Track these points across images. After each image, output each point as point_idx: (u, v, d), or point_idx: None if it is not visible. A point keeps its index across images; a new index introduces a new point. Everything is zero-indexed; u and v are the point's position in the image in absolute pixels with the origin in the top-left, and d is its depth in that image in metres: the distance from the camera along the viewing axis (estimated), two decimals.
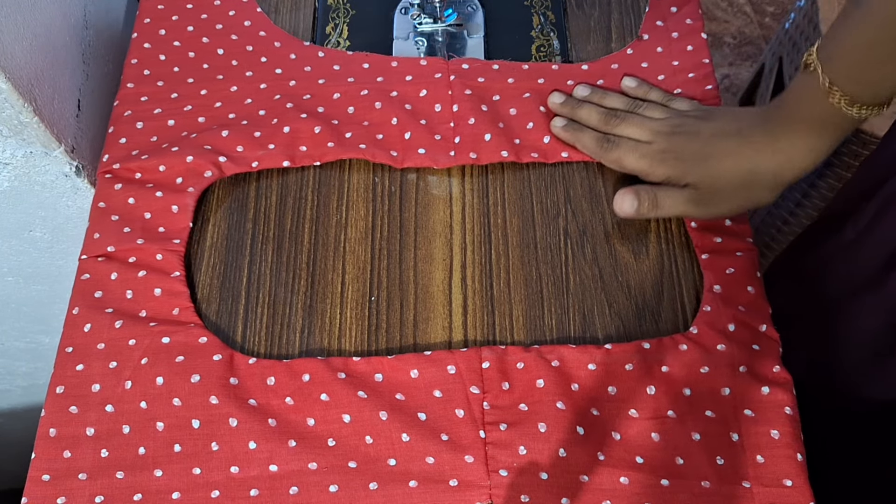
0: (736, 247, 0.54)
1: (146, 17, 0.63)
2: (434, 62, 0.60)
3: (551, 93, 0.59)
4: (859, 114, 0.47)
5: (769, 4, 1.53)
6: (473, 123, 0.57)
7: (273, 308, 0.53)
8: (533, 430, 0.47)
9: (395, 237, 0.55)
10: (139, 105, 0.59)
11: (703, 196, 0.52)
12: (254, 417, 0.48)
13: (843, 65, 0.46)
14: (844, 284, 0.58)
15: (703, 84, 0.60)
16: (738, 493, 0.46)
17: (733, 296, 0.52)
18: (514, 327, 0.52)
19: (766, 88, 1.07)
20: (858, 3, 0.44)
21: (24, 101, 0.52)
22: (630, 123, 0.55)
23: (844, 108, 0.47)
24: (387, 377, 0.49)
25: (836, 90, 0.46)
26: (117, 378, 0.49)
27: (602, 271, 0.54)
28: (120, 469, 0.47)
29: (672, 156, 0.53)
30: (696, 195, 0.52)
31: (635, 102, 0.57)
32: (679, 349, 0.49)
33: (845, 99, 0.46)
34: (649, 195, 0.53)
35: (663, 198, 0.53)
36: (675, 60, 0.61)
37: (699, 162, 0.52)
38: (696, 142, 0.53)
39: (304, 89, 0.59)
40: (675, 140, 0.53)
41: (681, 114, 0.56)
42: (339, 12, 0.65)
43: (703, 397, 0.49)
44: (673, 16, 0.63)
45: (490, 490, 0.46)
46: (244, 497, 0.47)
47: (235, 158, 0.56)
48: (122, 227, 0.54)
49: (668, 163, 0.53)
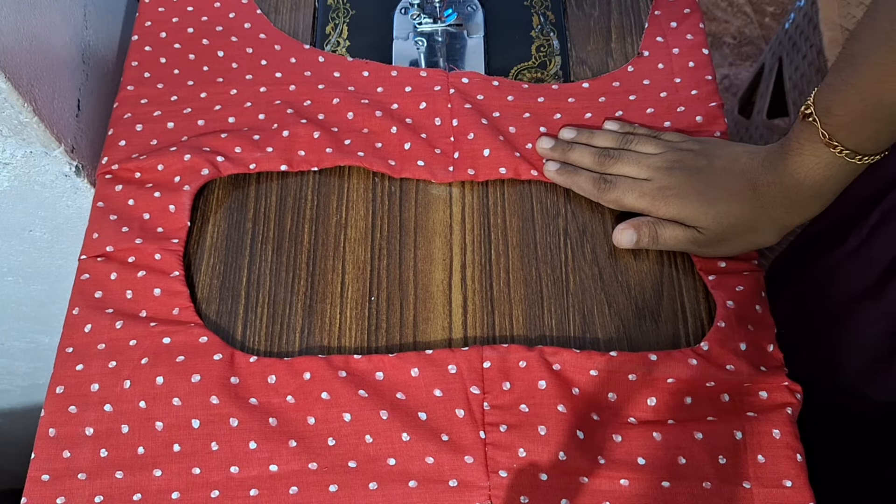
0: (742, 268, 0.53)
1: (146, 20, 0.63)
2: (434, 74, 0.60)
3: (539, 138, 0.57)
4: (863, 162, 0.46)
5: (769, 4, 1.53)
6: (473, 138, 0.57)
7: (273, 308, 0.53)
8: (533, 433, 0.47)
9: (395, 237, 0.55)
10: (139, 107, 0.59)
11: (709, 239, 0.51)
12: (254, 417, 0.48)
13: (842, 121, 0.44)
14: (847, 291, 0.57)
15: (706, 101, 0.59)
16: (739, 493, 0.46)
17: (744, 314, 0.51)
18: (514, 327, 0.52)
19: (766, 88, 1.06)
20: (853, 58, 0.43)
21: (24, 101, 0.52)
22: (625, 161, 0.54)
23: (847, 158, 0.45)
24: (387, 376, 0.49)
25: (837, 143, 0.45)
26: (117, 378, 0.49)
27: (602, 271, 0.54)
28: (119, 469, 0.47)
29: (674, 193, 0.51)
30: (700, 238, 0.51)
31: (626, 138, 0.56)
32: (688, 364, 0.49)
33: (846, 152, 0.45)
34: (650, 230, 0.52)
35: (664, 235, 0.52)
36: (677, 77, 0.60)
37: (705, 204, 0.50)
38: (699, 181, 0.51)
39: (303, 95, 0.59)
40: (676, 177, 0.52)
41: (675, 147, 0.54)
42: (338, 12, 0.65)
43: (704, 403, 0.49)
44: (673, 31, 0.62)
45: (489, 491, 0.46)
46: (244, 497, 0.47)
47: (233, 159, 0.56)
48: (120, 227, 0.54)
49: (672, 202, 0.51)
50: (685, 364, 0.49)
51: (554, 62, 0.63)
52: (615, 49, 0.63)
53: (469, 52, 0.63)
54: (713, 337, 0.50)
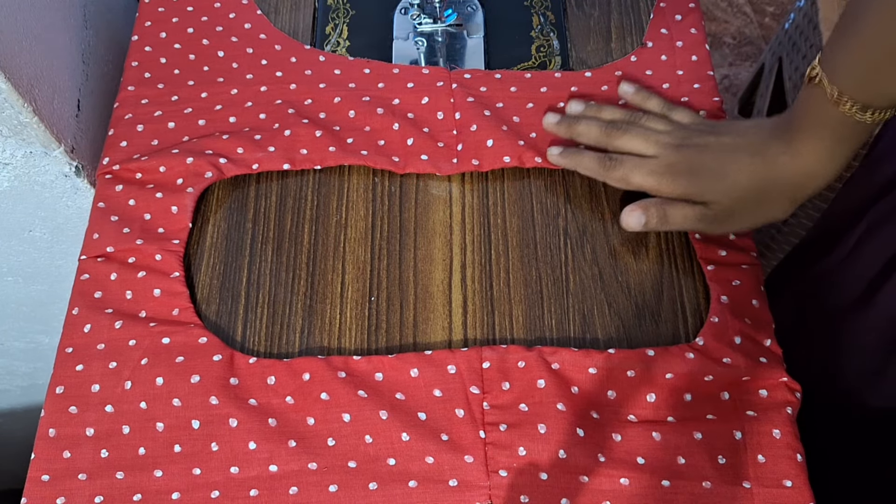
0: (740, 260, 0.53)
1: (146, 20, 0.63)
2: (436, 71, 0.60)
3: (545, 113, 0.57)
4: (873, 118, 0.45)
5: (769, 4, 1.53)
6: (476, 130, 0.57)
7: (273, 308, 0.53)
8: (533, 431, 0.47)
9: (395, 237, 0.55)
10: (139, 108, 0.59)
11: (718, 214, 0.50)
12: (254, 417, 0.48)
13: (850, 74, 0.44)
14: (840, 300, 0.57)
15: (709, 95, 0.59)
16: (739, 493, 0.46)
17: (739, 308, 0.51)
18: (514, 327, 0.52)
19: (766, 88, 1.07)
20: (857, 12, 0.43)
21: (24, 101, 0.52)
22: (633, 135, 0.53)
23: (857, 115, 0.45)
24: (387, 376, 0.49)
25: (846, 99, 0.45)
26: (117, 378, 0.49)
27: (602, 271, 0.54)
28: (120, 469, 0.47)
29: (682, 171, 0.51)
30: (709, 213, 0.50)
31: (635, 114, 0.55)
32: (685, 358, 0.49)
33: (857, 106, 0.45)
34: (658, 211, 0.51)
35: (673, 214, 0.51)
36: (680, 70, 0.60)
37: (714, 180, 0.50)
38: (707, 156, 0.50)
39: (304, 94, 0.59)
40: (684, 154, 0.51)
41: (684, 126, 0.53)
42: (338, 12, 0.65)
43: (703, 401, 0.49)
44: (677, 24, 0.63)
45: (489, 490, 0.46)
46: (244, 497, 0.47)
47: (236, 160, 0.56)
48: (121, 228, 0.54)
49: (680, 179, 0.50)
50: (682, 359, 0.49)
51: (554, 62, 0.63)
52: (615, 49, 0.63)
53: (469, 52, 0.63)
54: (707, 332, 0.50)
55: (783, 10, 1.52)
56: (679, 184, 0.51)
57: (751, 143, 0.50)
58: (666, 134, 0.53)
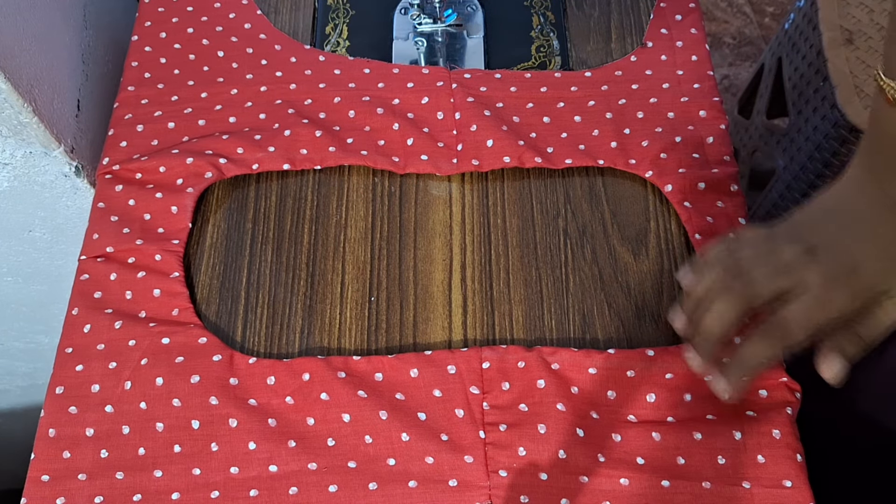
0: None
1: (146, 20, 0.63)
2: (436, 71, 0.60)
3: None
4: None
5: (769, 5, 1.53)
6: (476, 130, 0.57)
7: (273, 308, 0.53)
8: (532, 432, 0.47)
9: (395, 237, 0.55)
10: (139, 108, 0.59)
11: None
12: (254, 417, 0.48)
13: None
14: None
15: (709, 95, 0.59)
16: (739, 493, 0.46)
17: None
18: (513, 327, 0.52)
19: (766, 89, 1.06)
20: None
21: (23, 102, 0.52)
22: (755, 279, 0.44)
23: None
24: (387, 376, 0.49)
25: None
26: (117, 379, 0.49)
27: (602, 271, 0.54)
28: (119, 469, 0.47)
29: (840, 280, 0.43)
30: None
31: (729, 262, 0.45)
32: (684, 358, 0.49)
33: None
34: (851, 337, 0.44)
35: (870, 324, 0.44)
36: (680, 70, 0.60)
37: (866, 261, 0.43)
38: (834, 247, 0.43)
39: (304, 94, 0.59)
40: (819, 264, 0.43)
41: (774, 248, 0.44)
42: (338, 12, 0.65)
43: (703, 401, 0.49)
44: (677, 24, 0.63)
45: (489, 490, 0.46)
46: (244, 497, 0.47)
47: (236, 160, 0.56)
48: (121, 228, 0.54)
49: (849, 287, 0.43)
50: (682, 359, 0.49)
51: (554, 62, 0.63)
52: (615, 49, 0.63)
53: (469, 53, 0.63)
54: None
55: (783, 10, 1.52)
56: (852, 292, 0.43)
57: (855, 208, 0.44)
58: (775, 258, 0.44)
